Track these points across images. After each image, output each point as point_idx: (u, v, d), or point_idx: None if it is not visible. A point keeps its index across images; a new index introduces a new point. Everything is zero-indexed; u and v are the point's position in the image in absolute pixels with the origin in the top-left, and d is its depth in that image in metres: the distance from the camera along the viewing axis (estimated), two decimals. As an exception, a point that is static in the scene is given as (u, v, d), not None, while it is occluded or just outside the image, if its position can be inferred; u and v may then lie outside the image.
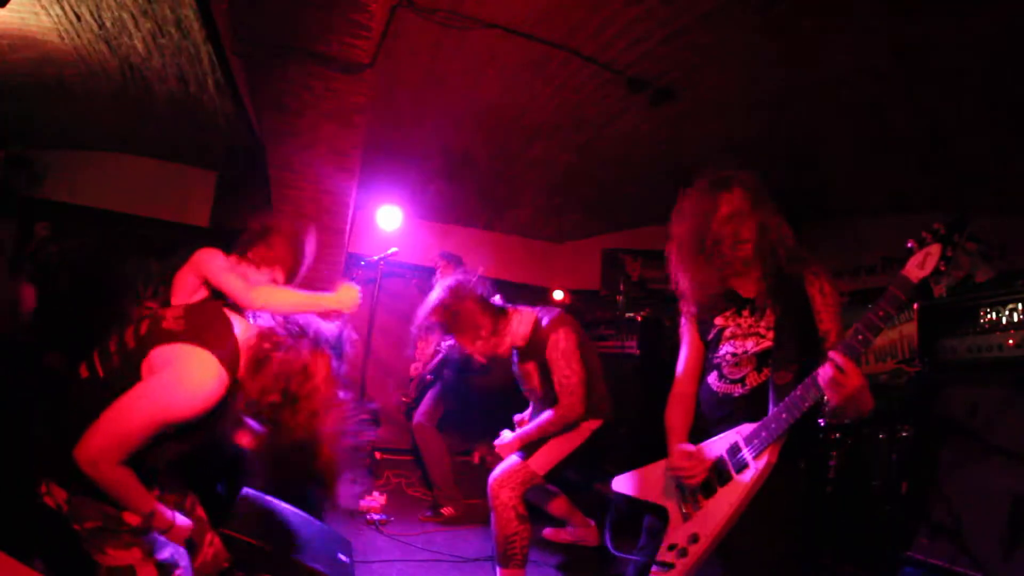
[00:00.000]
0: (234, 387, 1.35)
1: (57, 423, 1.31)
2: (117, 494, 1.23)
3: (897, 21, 2.37)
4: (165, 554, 1.34)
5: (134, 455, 1.22)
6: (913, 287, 1.19)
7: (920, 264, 1.18)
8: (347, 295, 2.13)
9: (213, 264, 2.09)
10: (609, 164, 4.15)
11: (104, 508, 1.25)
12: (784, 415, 1.35)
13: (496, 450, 2.46)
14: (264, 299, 1.94)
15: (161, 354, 1.29)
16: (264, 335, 1.39)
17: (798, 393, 1.33)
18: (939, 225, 1.17)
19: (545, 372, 2.41)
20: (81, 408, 1.27)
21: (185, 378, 1.26)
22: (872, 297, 1.21)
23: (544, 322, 2.39)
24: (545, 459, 2.36)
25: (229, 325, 1.40)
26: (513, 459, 2.37)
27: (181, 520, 1.38)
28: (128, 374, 1.29)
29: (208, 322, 1.38)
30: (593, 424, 2.43)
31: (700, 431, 1.59)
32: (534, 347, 2.41)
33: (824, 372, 1.24)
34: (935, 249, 1.16)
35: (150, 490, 1.32)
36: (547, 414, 2.35)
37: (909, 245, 1.21)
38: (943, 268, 1.15)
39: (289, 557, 1.82)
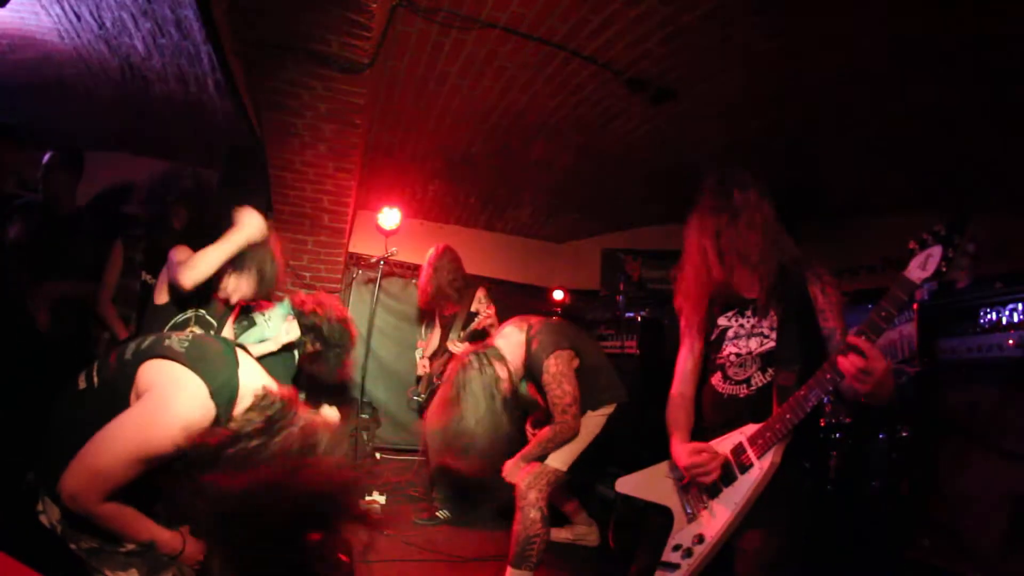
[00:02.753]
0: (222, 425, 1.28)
1: (53, 435, 1.26)
2: (106, 528, 1.18)
3: (897, 21, 2.37)
4: (168, 574, 1.30)
5: (121, 490, 1.16)
6: (915, 288, 1.19)
7: (922, 265, 1.18)
8: (251, 221, 2.07)
9: (172, 258, 2.13)
10: (609, 164, 4.15)
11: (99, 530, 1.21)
12: (788, 415, 1.35)
13: (506, 477, 2.45)
14: (191, 276, 1.95)
15: (151, 369, 1.24)
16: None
17: (802, 393, 1.33)
18: (940, 226, 1.17)
19: (541, 389, 2.47)
20: (72, 421, 1.24)
21: (169, 402, 1.19)
22: (872, 297, 1.22)
23: (534, 345, 2.41)
24: (566, 454, 2.39)
25: (235, 364, 1.34)
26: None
27: (192, 543, 1.33)
28: (119, 385, 1.24)
29: (213, 354, 1.32)
30: (607, 410, 2.48)
31: (702, 432, 1.59)
32: (530, 368, 2.45)
33: (847, 361, 1.21)
34: (936, 251, 1.16)
35: (151, 508, 1.27)
36: (544, 431, 2.41)
37: (911, 246, 1.20)
38: (944, 269, 1.15)
39: (289, 557, 1.82)
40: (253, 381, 1.36)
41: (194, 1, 2.52)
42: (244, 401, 1.31)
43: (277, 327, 2.14)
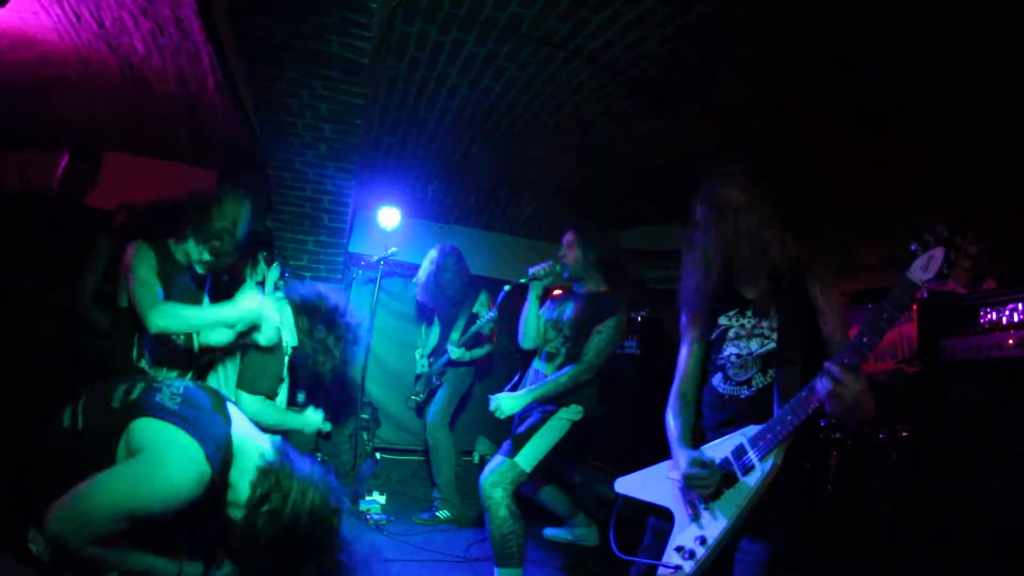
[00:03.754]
0: (217, 486, 1.27)
1: (37, 469, 1.25)
2: (94, 568, 1.17)
3: (896, 22, 2.37)
4: None
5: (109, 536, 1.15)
6: (917, 290, 1.18)
7: (924, 267, 1.17)
8: (250, 304, 1.87)
9: (135, 264, 1.94)
10: (609, 164, 4.15)
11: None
12: (790, 417, 1.34)
13: (498, 404, 2.51)
14: (162, 322, 1.79)
15: (144, 428, 1.22)
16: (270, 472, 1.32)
17: (803, 395, 1.33)
18: (942, 227, 1.16)
19: (580, 325, 2.54)
20: (54, 459, 1.23)
21: (164, 466, 1.17)
22: (872, 297, 1.22)
23: (616, 296, 2.61)
24: (531, 455, 2.39)
25: (227, 422, 1.33)
26: (500, 459, 2.40)
27: (189, 571, 1.33)
28: (105, 435, 1.23)
29: (206, 412, 1.30)
30: (575, 415, 2.47)
31: (702, 432, 1.59)
32: (599, 301, 2.58)
33: (822, 384, 1.24)
34: (938, 252, 1.15)
35: (144, 539, 1.26)
36: (565, 370, 2.47)
37: (913, 247, 1.19)
38: (946, 271, 1.14)
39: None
40: (248, 441, 1.35)
41: (194, 1, 2.52)
42: (242, 461, 1.31)
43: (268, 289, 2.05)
